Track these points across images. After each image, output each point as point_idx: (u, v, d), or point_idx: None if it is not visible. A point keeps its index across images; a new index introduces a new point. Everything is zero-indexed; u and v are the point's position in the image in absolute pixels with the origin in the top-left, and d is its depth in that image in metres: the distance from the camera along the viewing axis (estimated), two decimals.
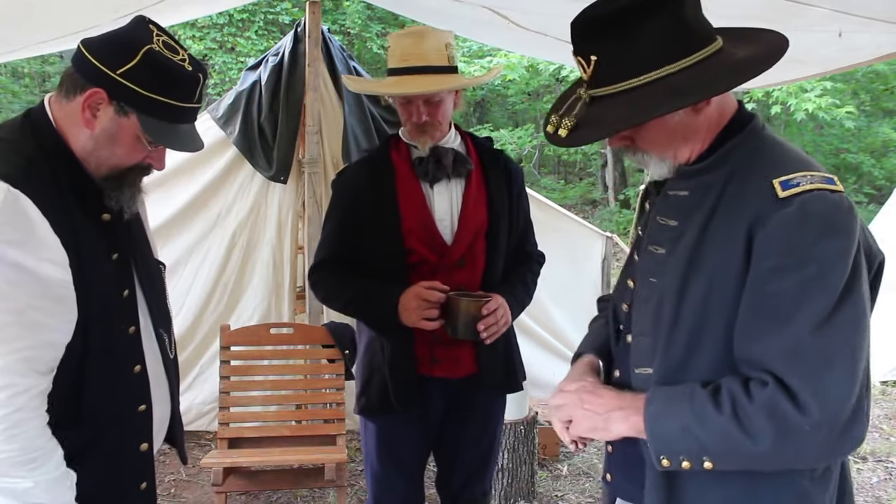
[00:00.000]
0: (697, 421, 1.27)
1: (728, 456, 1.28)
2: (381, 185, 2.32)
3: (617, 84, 1.31)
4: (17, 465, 1.43)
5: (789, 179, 1.26)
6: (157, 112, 1.55)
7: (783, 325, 1.22)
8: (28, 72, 13.49)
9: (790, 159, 1.33)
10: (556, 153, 15.32)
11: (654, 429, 1.31)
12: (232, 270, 4.39)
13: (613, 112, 1.32)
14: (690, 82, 1.28)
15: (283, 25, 13.08)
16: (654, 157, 1.43)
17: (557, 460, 4.41)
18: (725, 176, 1.35)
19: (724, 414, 1.25)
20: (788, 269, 1.23)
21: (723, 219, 1.32)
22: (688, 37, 1.29)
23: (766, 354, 1.24)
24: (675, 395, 1.32)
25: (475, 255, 2.35)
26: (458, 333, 2.22)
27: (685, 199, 1.41)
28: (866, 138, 13.05)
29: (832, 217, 1.24)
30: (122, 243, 1.67)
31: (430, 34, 2.23)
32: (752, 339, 1.27)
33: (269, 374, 3.89)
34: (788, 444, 1.22)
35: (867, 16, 2.35)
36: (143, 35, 1.54)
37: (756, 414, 1.22)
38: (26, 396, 1.44)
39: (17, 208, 1.43)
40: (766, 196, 1.26)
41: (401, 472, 2.46)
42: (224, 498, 3.52)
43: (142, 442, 1.71)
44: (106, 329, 1.61)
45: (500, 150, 2.53)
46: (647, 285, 1.47)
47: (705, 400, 1.27)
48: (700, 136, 1.39)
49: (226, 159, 4.31)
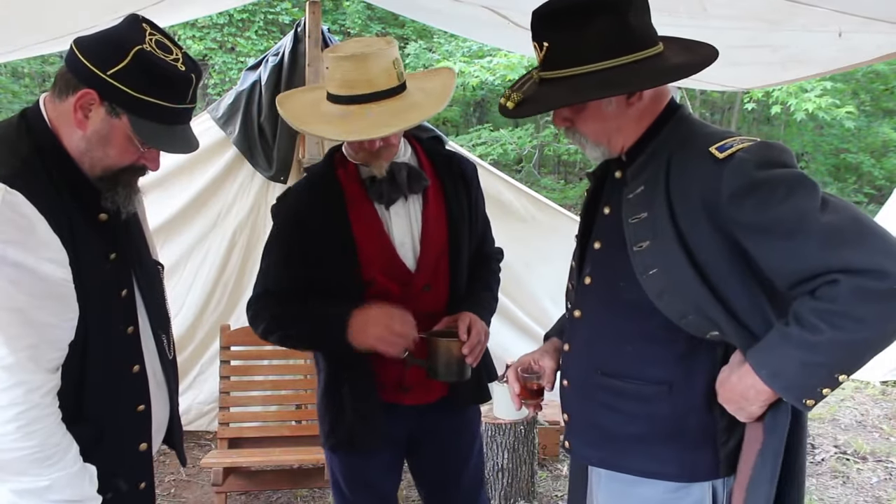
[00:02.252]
0: (811, 352, 1.33)
1: (853, 359, 1.34)
2: (331, 209, 2.06)
3: (563, 70, 1.49)
4: (34, 463, 1.44)
5: (723, 144, 1.43)
6: (149, 113, 1.54)
7: (800, 233, 1.32)
8: (28, 72, 13.48)
9: (718, 131, 1.51)
10: (557, 153, 15.30)
11: (782, 384, 1.38)
12: (232, 270, 4.39)
13: (554, 93, 1.51)
14: (622, 77, 1.46)
15: (283, 25, 13.08)
16: (589, 141, 1.59)
17: (557, 460, 4.41)
18: (667, 159, 1.50)
19: (823, 333, 1.31)
20: (765, 201, 1.35)
21: (679, 195, 1.46)
22: (630, 38, 1.47)
23: (809, 263, 1.32)
24: (771, 347, 1.40)
25: (439, 276, 2.16)
26: (438, 375, 2.06)
27: (643, 193, 1.53)
28: (866, 138, 13.04)
29: (769, 153, 1.40)
30: (119, 243, 1.67)
31: (374, 57, 1.89)
32: (786, 263, 1.35)
33: (269, 374, 3.90)
34: (892, 312, 1.29)
35: (867, 16, 2.34)
36: (135, 35, 1.53)
37: (848, 309, 1.29)
38: (39, 393, 1.45)
39: (16, 208, 1.43)
40: (707, 162, 1.42)
41: (372, 495, 2.28)
42: (224, 498, 3.52)
43: (140, 442, 1.71)
44: (104, 329, 1.61)
45: (450, 152, 2.32)
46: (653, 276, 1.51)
47: (800, 333, 1.34)
48: (632, 127, 1.56)
49: (226, 159, 4.31)
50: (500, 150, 12.86)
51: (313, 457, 3.60)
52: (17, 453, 1.43)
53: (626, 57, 1.46)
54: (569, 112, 1.56)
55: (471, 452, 2.36)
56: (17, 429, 1.41)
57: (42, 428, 1.45)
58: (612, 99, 1.52)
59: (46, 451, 1.45)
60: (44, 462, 1.45)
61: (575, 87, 1.48)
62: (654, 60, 1.49)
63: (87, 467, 1.54)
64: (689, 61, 1.50)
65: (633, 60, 1.47)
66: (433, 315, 2.13)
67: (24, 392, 1.42)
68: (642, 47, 1.48)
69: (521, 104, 1.55)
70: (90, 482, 1.54)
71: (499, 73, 10.60)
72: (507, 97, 1.57)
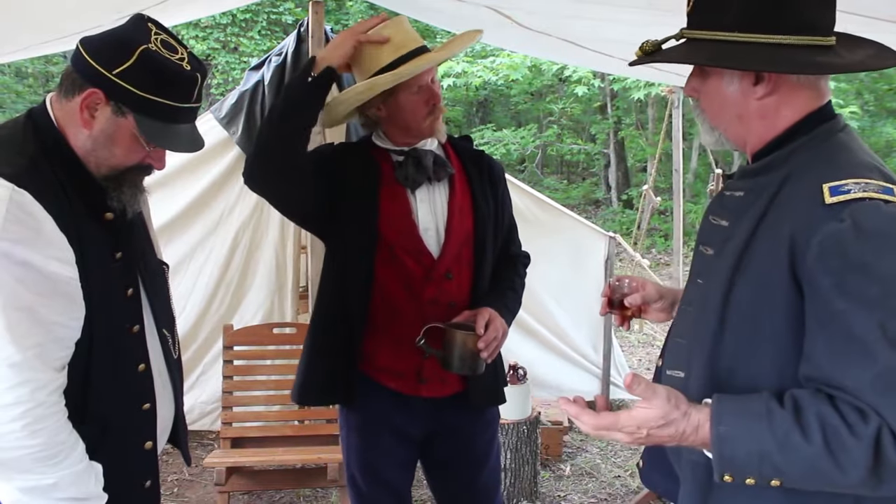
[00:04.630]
0: (780, 449, 1.16)
1: (808, 481, 1.18)
2: (365, 178, 2.12)
3: (703, 30, 1.32)
4: (39, 461, 1.45)
5: (840, 185, 1.19)
6: (154, 112, 1.55)
7: (863, 350, 1.14)
8: (32, 72, 13.51)
9: (849, 163, 1.25)
10: (559, 153, 15.30)
11: (724, 451, 1.19)
12: (235, 270, 4.40)
13: (677, 51, 1.36)
14: (746, 55, 1.26)
15: (286, 25, 13.10)
16: (707, 122, 1.43)
17: (560, 460, 4.41)
18: (781, 178, 1.29)
19: (814, 444, 1.14)
20: (850, 288, 1.15)
21: (771, 222, 1.27)
22: (772, 14, 1.26)
23: (851, 381, 1.15)
24: (748, 413, 1.20)
25: (462, 265, 2.19)
26: (451, 367, 2.07)
27: (739, 200, 1.38)
28: (870, 138, 13.00)
29: (887, 230, 1.16)
30: (125, 242, 1.68)
31: (402, 20, 2.04)
32: (826, 359, 1.18)
33: (272, 373, 3.90)
34: (889, 480, 1.14)
35: (868, 15, 2.34)
36: (141, 34, 1.54)
37: (856, 447, 1.12)
38: (46, 391, 1.45)
39: (24, 207, 1.44)
40: (813, 200, 1.20)
41: (389, 492, 2.30)
42: (227, 497, 3.53)
43: (146, 440, 1.72)
44: (110, 327, 1.61)
45: (480, 150, 2.37)
46: (693, 286, 1.46)
47: (789, 425, 1.16)
48: (756, 125, 1.35)
49: (229, 159, 4.32)
50: (503, 150, 12.86)
51: (316, 457, 3.61)
52: (23, 451, 1.43)
53: (770, 36, 1.26)
54: (697, 82, 1.39)
55: (488, 455, 2.36)
56: (23, 427, 1.42)
57: (48, 426, 1.45)
58: (734, 79, 1.32)
59: (52, 450, 1.46)
60: (50, 460, 1.46)
61: (698, 49, 1.32)
62: (805, 50, 1.27)
63: (93, 465, 1.55)
64: (843, 64, 1.29)
65: (780, 43, 1.26)
66: (455, 304, 2.17)
67: (31, 390, 1.43)
68: (798, 31, 1.26)
69: (650, 54, 1.39)
70: (96, 480, 1.55)
71: (502, 73, 10.61)
72: (641, 47, 1.40)
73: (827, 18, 1.31)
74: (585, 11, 2.92)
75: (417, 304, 2.14)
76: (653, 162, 10.43)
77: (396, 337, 2.14)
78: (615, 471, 4.35)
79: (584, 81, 10.79)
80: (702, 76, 1.38)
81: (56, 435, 1.47)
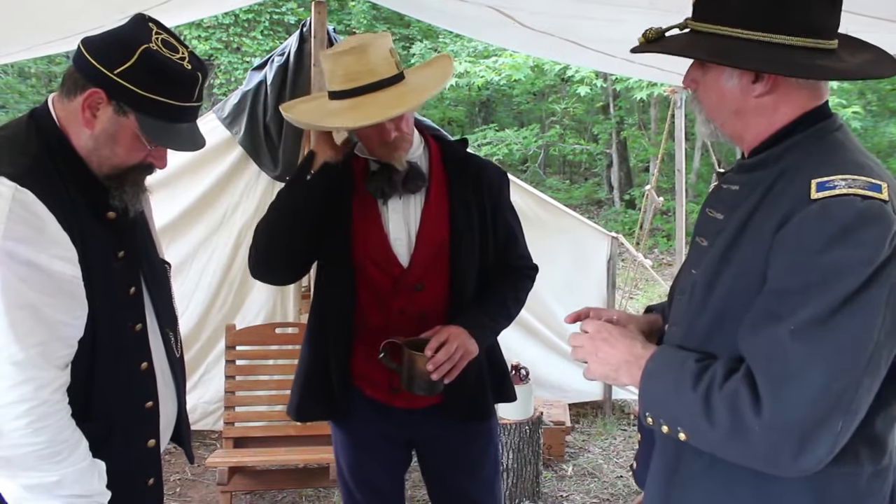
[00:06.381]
0: (675, 390, 1.27)
1: (694, 434, 1.26)
2: (340, 191, 2.11)
3: (707, 24, 1.33)
4: (43, 459, 1.45)
5: (828, 181, 1.21)
6: (156, 112, 1.55)
7: (772, 323, 1.19)
8: (34, 72, 13.53)
9: (841, 161, 1.26)
10: (562, 153, 15.30)
11: (644, 385, 1.33)
12: (237, 270, 4.39)
13: (677, 41, 1.36)
14: (746, 53, 1.28)
15: (288, 25, 13.11)
16: (703, 113, 1.44)
17: (562, 460, 4.41)
18: (776, 174, 1.31)
19: (696, 392, 1.24)
20: (794, 270, 1.19)
21: (761, 216, 1.29)
22: (776, 13, 1.27)
23: (751, 348, 1.22)
24: (671, 359, 1.33)
25: (434, 276, 2.11)
26: (413, 388, 2.00)
27: (734, 194, 1.40)
28: (873, 138, 12.99)
29: (850, 225, 1.17)
30: (127, 241, 1.68)
31: (372, 45, 1.95)
32: (747, 330, 1.24)
33: (275, 373, 3.91)
34: (739, 440, 1.20)
35: (870, 15, 2.33)
36: (142, 34, 1.54)
37: (720, 401, 1.21)
38: (49, 389, 1.46)
39: (27, 206, 1.45)
40: (801, 195, 1.22)
41: (380, 497, 2.29)
42: (229, 497, 3.53)
43: (149, 438, 1.72)
44: (113, 326, 1.62)
45: (473, 155, 2.27)
46: (687, 275, 1.48)
47: (689, 373, 1.27)
48: (754, 122, 1.36)
49: (231, 159, 4.32)
50: (505, 151, 12.86)
51: (318, 456, 3.62)
52: (26, 449, 1.44)
53: (773, 35, 1.27)
54: (697, 73, 1.40)
55: (481, 465, 2.30)
56: (27, 424, 1.43)
57: (52, 424, 1.46)
58: (733, 75, 1.33)
59: (56, 447, 1.46)
60: (53, 458, 1.46)
61: (699, 42, 1.33)
62: (806, 52, 1.28)
63: (97, 463, 1.56)
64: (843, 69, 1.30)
65: (781, 43, 1.27)
66: (426, 317, 2.10)
67: (34, 388, 1.43)
68: (801, 33, 1.27)
69: (653, 42, 1.40)
70: (99, 478, 1.56)
71: (504, 73, 10.62)
72: (644, 34, 1.41)
73: (831, 22, 1.31)
74: (587, 11, 2.93)
75: (386, 315, 2.11)
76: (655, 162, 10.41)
77: (368, 346, 2.11)
78: (617, 471, 4.35)
79: (587, 81, 10.79)
80: (702, 69, 1.39)
81: (60, 432, 1.47)
